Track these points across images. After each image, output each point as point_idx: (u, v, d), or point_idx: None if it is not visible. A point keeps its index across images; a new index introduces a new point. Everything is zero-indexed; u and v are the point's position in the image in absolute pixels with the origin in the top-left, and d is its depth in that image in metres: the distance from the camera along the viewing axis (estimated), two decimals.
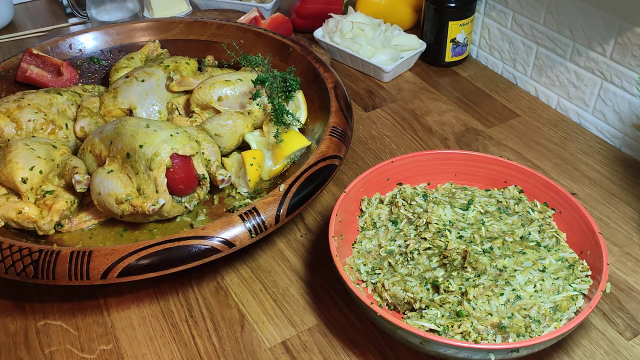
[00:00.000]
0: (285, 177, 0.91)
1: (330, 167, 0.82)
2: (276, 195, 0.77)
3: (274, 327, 0.75)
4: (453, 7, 1.14)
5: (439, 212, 0.78)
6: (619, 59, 0.96)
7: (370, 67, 1.19)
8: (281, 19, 1.25)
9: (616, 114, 1.00)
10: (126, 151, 0.82)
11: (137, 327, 0.76)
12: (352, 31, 1.22)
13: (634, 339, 0.73)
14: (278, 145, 0.90)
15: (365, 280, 0.75)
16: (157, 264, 0.71)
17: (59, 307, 0.79)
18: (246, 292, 0.80)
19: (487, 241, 0.74)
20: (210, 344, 0.74)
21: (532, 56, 1.12)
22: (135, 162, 0.81)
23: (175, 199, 0.83)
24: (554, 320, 0.67)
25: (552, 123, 1.07)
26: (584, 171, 0.97)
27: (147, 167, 0.80)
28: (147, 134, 0.82)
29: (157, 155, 0.80)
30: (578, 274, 0.71)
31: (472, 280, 0.69)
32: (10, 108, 0.92)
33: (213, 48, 1.10)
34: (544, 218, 0.79)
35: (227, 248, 0.73)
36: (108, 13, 1.30)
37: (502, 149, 1.02)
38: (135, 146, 0.81)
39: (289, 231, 0.88)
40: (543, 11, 1.06)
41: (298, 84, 0.93)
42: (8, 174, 0.83)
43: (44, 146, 0.87)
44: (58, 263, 0.70)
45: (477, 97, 1.14)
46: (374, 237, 0.80)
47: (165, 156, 0.80)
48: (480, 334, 0.65)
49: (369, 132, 1.07)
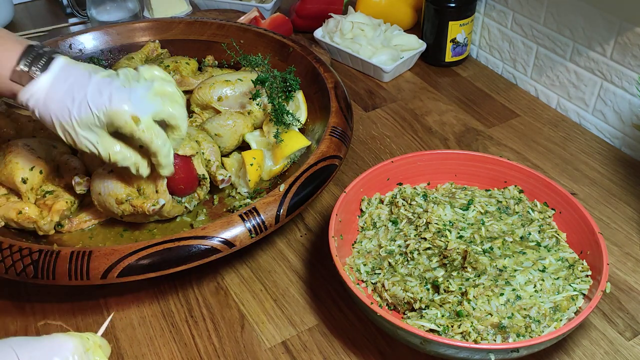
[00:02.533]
0: (285, 177, 0.91)
1: (330, 167, 0.82)
2: (276, 195, 0.77)
3: (274, 327, 0.75)
4: (453, 7, 1.14)
5: (439, 212, 0.78)
6: (619, 59, 0.96)
7: (370, 67, 1.19)
8: (281, 19, 1.25)
9: (616, 114, 1.00)
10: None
11: (137, 327, 0.76)
12: (352, 31, 1.22)
13: (634, 339, 0.73)
14: (278, 145, 0.90)
15: (365, 280, 0.75)
16: (157, 264, 0.71)
17: (59, 307, 0.79)
18: (246, 292, 0.80)
19: (487, 241, 0.74)
20: (210, 344, 0.74)
21: (532, 56, 1.12)
22: None
23: (175, 199, 0.83)
24: (554, 320, 0.67)
25: (552, 123, 1.07)
26: (584, 171, 0.97)
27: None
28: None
29: None
30: (578, 274, 0.71)
31: (472, 280, 0.69)
32: (11, 108, 0.92)
33: (213, 48, 1.10)
34: (544, 218, 0.79)
35: (227, 248, 0.73)
36: (108, 13, 1.30)
37: (502, 149, 1.02)
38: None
39: (289, 231, 0.88)
40: (543, 11, 1.06)
41: (298, 84, 0.93)
42: (8, 174, 0.83)
43: (44, 146, 0.87)
44: (58, 263, 0.70)
45: (477, 97, 1.14)
46: (374, 237, 0.80)
47: None
48: (480, 334, 0.65)
49: (369, 132, 1.07)
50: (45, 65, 0.70)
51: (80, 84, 0.70)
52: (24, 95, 0.69)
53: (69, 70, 0.71)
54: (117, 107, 0.70)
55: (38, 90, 0.69)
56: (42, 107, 0.70)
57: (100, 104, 0.69)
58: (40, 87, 0.69)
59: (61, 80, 0.70)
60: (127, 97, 0.70)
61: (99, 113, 0.70)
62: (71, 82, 0.70)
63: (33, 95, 0.69)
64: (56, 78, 0.70)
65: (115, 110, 0.69)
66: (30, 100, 0.70)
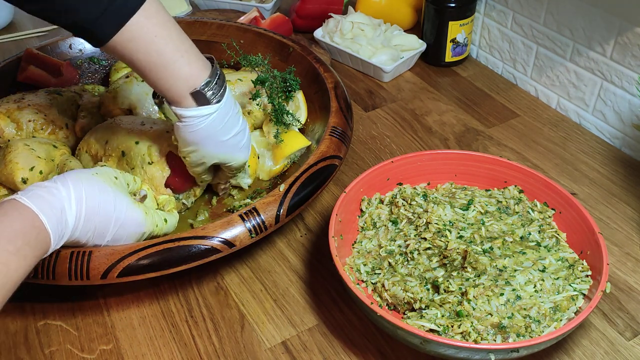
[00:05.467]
0: (285, 177, 0.91)
1: (330, 167, 0.82)
2: (276, 195, 0.77)
3: (274, 327, 0.75)
4: (453, 7, 1.14)
5: (439, 212, 0.78)
6: (619, 59, 0.96)
7: (370, 67, 1.19)
8: (281, 19, 1.25)
9: (616, 114, 1.00)
10: (121, 149, 0.82)
11: (137, 327, 0.76)
12: (352, 31, 1.22)
13: (634, 339, 0.73)
14: (278, 145, 0.90)
15: (365, 280, 0.75)
16: (157, 264, 0.71)
17: (59, 307, 0.79)
18: (246, 292, 0.80)
19: (487, 241, 0.74)
20: (210, 344, 0.74)
21: (532, 56, 1.12)
22: (132, 159, 0.81)
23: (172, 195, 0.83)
24: (554, 320, 0.67)
25: (552, 123, 1.07)
26: (584, 171, 0.97)
27: (143, 162, 0.80)
28: (142, 131, 0.82)
29: (154, 150, 0.80)
30: (578, 274, 0.71)
31: (472, 280, 0.69)
32: (11, 108, 0.92)
33: (213, 48, 1.10)
34: (544, 218, 0.79)
35: (227, 248, 0.73)
36: None
37: (502, 149, 1.02)
38: (131, 143, 0.81)
39: (289, 231, 0.88)
40: (543, 11, 1.06)
41: (298, 84, 0.93)
42: (8, 174, 0.83)
43: (44, 146, 0.87)
44: (58, 263, 0.70)
45: (477, 97, 1.14)
46: (374, 237, 0.80)
47: (162, 151, 0.80)
48: (480, 334, 0.65)
49: (369, 132, 1.07)
50: (221, 95, 0.74)
51: (232, 125, 0.78)
52: (191, 112, 0.73)
53: (229, 105, 0.77)
54: (244, 157, 0.83)
55: (206, 116, 0.74)
56: (196, 128, 0.74)
57: (234, 150, 0.80)
58: (209, 113, 0.74)
59: (224, 116, 0.76)
60: (248, 146, 0.83)
61: (230, 157, 0.81)
62: (227, 120, 0.76)
63: (198, 117, 0.73)
64: (221, 111, 0.75)
65: (240, 159, 0.82)
66: (194, 119, 0.74)
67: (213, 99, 0.73)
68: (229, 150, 0.79)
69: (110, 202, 0.69)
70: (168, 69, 0.71)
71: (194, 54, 0.73)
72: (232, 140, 0.78)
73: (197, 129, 0.74)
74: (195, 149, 0.77)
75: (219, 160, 0.80)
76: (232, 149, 0.80)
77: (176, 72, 0.71)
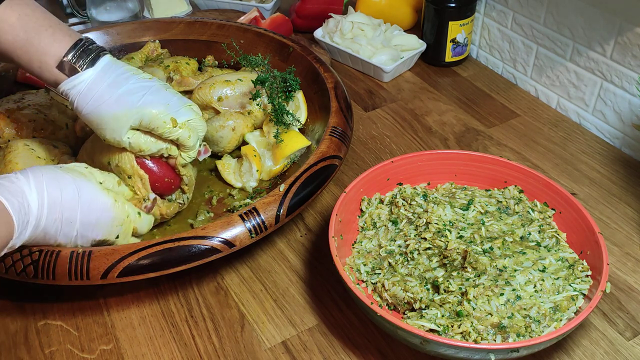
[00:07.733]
0: (285, 177, 0.91)
1: (330, 167, 0.82)
2: (276, 195, 0.77)
3: (274, 327, 0.75)
4: (453, 7, 1.14)
5: (439, 212, 0.78)
6: (619, 59, 0.96)
7: (370, 67, 1.19)
8: (281, 19, 1.25)
9: (616, 114, 1.00)
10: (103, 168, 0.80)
11: (137, 327, 0.76)
12: (352, 31, 1.22)
13: (634, 339, 0.73)
14: (278, 145, 0.90)
15: (365, 280, 0.75)
16: (157, 264, 0.71)
17: (59, 307, 0.79)
18: (246, 292, 0.80)
19: (487, 241, 0.74)
20: (210, 344, 0.74)
21: (532, 56, 1.12)
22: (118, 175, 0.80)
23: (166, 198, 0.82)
24: (554, 320, 0.67)
25: (552, 123, 1.07)
26: (584, 171, 0.97)
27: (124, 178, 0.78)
28: (109, 149, 0.80)
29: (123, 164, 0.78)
30: (578, 274, 0.71)
31: (472, 280, 0.69)
32: (11, 108, 0.92)
33: (213, 48, 1.10)
34: (544, 218, 0.79)
35: (227, 248, 0.73)
36: (108, 13, 1.30)
37: (502, 149, 1.02)
38: (105, 163, 0.80)
39: (289, 231, 0.88)
40: (543, 11, 1.06)
41: (298, 84, 0.93)
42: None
43: (44, 146, 0.87)
44: (58, 263, 0.70)
45: (477, 97, 1.14)
46: (374, 237, 0.80)
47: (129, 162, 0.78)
48: (480, 334, 0.65)
49: (369, 132, 1.07)
50: (92, 61, 0.74)
51: (120, 83, 0.74)
52: (66, 85, 0.73)
53: (112, 69, 0.75)
54: (155, 109, 0.75)
55: (81, 83, 0.73)
56: (81, 99, 0.73)
57: (135, 102, 0.74)
58: (83, 80, 0.73)
59: (104, 77, 0.74)
60: (164, 102, 0.76)
61: (135, 111, 0.74)
62: (113, 79, 0.74)
63: (75, 87, 0.73)
64: (100, 74, 0.74)
65: (151, 111, 0.75)
66: (71, 91, 0.73)
67: (83, 66, 0.73)
68: (132, 106, 0.74)
69: (74, 188, 0.70)
70: (34, 44, 0.72)
71: (59, 29, 0.74)
72: (131, 96, 0.74)
73: (83, 101, 0.74)
74: (99, 122, 0.74)
75: (133, 122, 0.74)
76: (136, 104, 0.74)
77: (42, 47, 0.73)
